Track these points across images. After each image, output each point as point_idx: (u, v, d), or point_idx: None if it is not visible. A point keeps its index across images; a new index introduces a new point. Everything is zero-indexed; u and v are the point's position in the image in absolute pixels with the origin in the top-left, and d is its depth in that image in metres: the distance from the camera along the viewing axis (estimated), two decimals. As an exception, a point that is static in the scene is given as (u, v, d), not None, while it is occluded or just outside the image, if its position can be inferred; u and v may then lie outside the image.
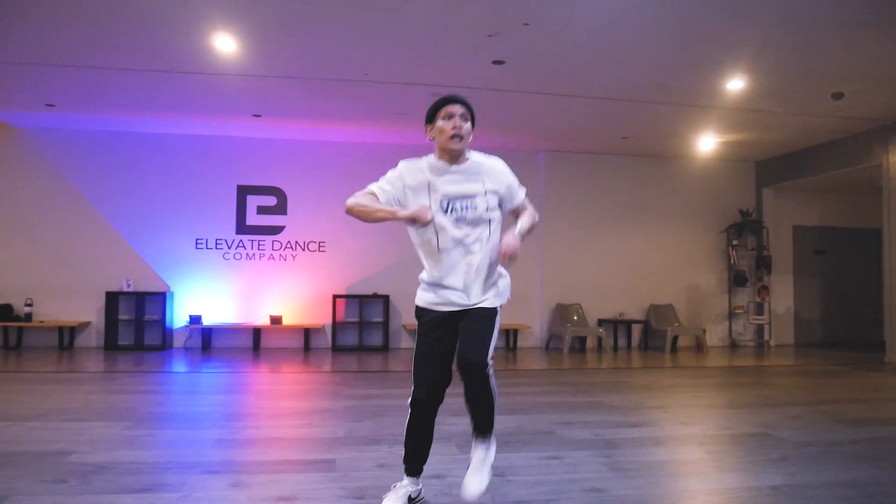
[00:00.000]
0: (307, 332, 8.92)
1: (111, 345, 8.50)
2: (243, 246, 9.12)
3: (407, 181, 2.57)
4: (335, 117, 8.04)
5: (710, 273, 10.08)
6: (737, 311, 9.90)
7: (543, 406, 4.98)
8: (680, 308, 9.79)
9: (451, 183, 2.54)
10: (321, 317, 9.08)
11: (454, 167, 2.57)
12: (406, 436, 2.72)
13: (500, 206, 2.65)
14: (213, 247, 9.05)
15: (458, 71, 6.32)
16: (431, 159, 2.62)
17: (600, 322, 9.58)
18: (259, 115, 7.96)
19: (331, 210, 9.19)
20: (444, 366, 2.63)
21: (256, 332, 8.87)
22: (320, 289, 9.13)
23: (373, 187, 2.57)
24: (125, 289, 8.64)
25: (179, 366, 7.24)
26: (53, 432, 3.94)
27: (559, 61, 6.05)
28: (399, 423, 4.26)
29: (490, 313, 2.59)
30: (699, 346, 9.35)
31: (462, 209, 2.52)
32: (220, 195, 9.07)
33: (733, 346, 9.91)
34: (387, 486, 3.07)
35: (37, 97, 7.30)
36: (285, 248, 9.19)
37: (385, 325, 9.14)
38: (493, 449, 2.70)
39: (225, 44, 5.64)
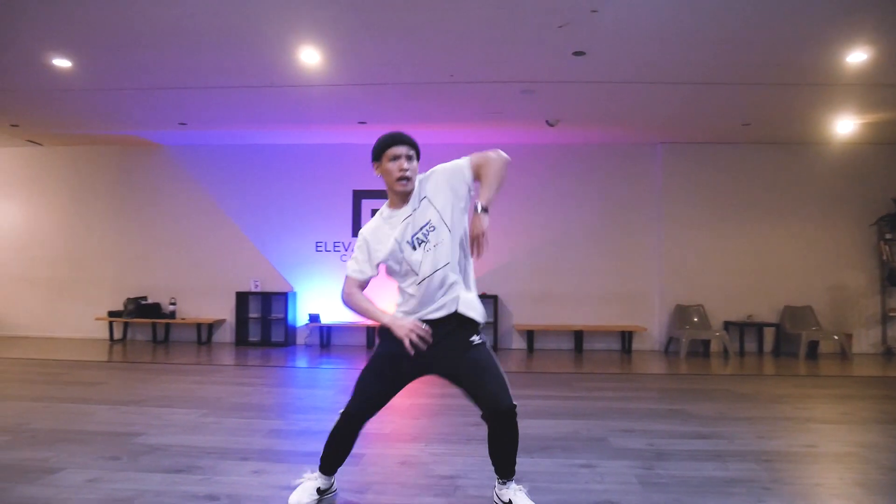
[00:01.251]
0: (416, 331, 9.12)
1: (242, 341, 9.26)
2: (358, 248, 9.52)
3: (374, 245, 2.65)
4: (434, 120, 8.16)
5: (857, 271, 8.94)
6: (892, 314, 8.69)
7: (613, 412, 4.72)
8: (820, 310, 8.78)
9: (409, 223, 2.61)
10: (430, 316, 9.24)
11: (403, 209, 2.63)
12: (328, 441, 2.74)
13: (461, 197, 2.65)
14: (332, 249, 9.55)
15: (539, 66, 6.17)
16: (388, 213, 2.68)
17: (727, 325, 8.86)
18: (364, 122, 8.29)
19: (440, 211, 9.34)
20: (392, 391, 2.70)
21: (370, 330, 9.23)
22: (430, 289, 9.29)
23: (350, 273, 2.68)
24: (253, 289, 9.38)
25: (292, 361, 7.72)
26: (138, 416, 4.40)
27: (644, 47, 5.69)
28: (451, 423, 4.27)
29: (483, 349, 2.62)
30: (843, 353, 8.34)
31: (425, 236, 2.58)
32: (337, 200, 9.55)
33: (888, 353, 8.71)
34: (398, 481, 3.11)
35: (171, 117, 8.15)
36: (397, 249, 9.47)
37: (494, 325, 9.12)
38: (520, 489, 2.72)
39: (310, 56, 5.95)
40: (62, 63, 6.15)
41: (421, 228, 2.59)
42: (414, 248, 2.59)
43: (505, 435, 2.55)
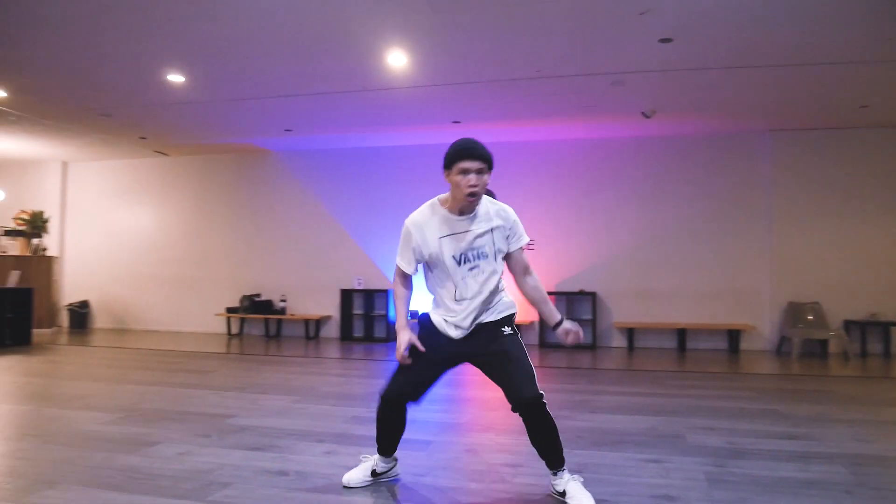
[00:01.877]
0: (512, 329, 9.16)
1: (346, 336, 9.68)
2: (455, 246, 9.68)
3: (417, 240, 2.68)
4: (526, 116, 8.16)
5: None
6: None
7: (699, 409, 4.54)
8: (960, 309, 7.95)
9: (461, 237, 2.63)
10: (530, 313, 9.24)
11: (461, 219, 2.64)
12: (376, 425, 2.86)
13: (507, 241, 2.72)
14: (429, 247, 9.77)
15: (625, 56, 6.01)
16: (442, 212, 2.66)
17: (847, 324, 8.21)
18: (458, 122, 8.43)
19: (537, 209, 9.33)
20: (428, 378, 2.75)
21: (467, 327, 9.36)
22: (527, 286, 9.31)
23: (397, 262, 2.78)
24: (356, 286, 9.78)
25: (390, 356, 7.94)
26: (235, 401, 4.74)
27: (737, 29, 5.39)
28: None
29: (513, 340, 2.68)
30: None
31: (474, 259, 2.64)
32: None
33: None
34: (459, 467, 3.18)
35: (277, 124, 8.67)
36: (493, 247, 9.54)
37: (593, 323, 8.98)
38: (576, 481, 2.73)
39: (397, 59, 6.15)
40: (176, 78, 6.72)
41: (472, 248, 2.63)
42: (459, 264, 2.63)
43: (536, 425, 2.59)
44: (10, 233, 10.52)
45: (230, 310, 10.05)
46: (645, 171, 9.08)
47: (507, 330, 2.68)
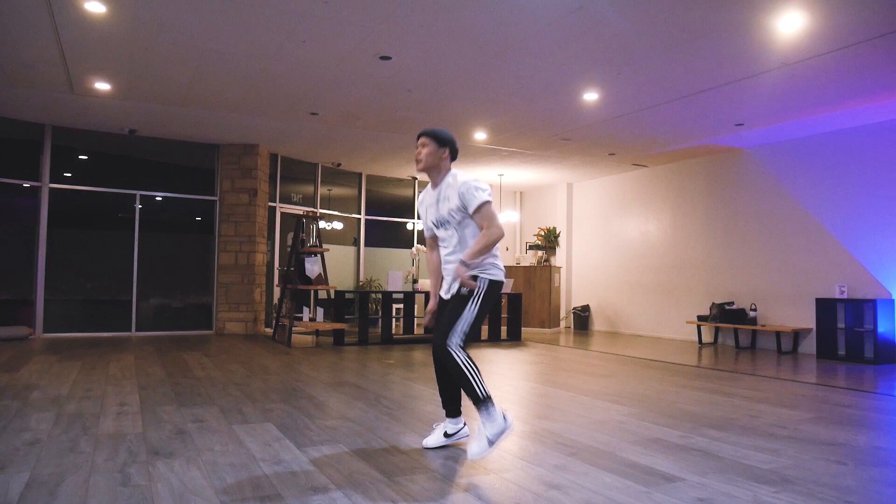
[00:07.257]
0: None
1: (826, 353, 8.24)
2: (982, 243, 7.15)
3: (421, 212, 3.55)
4: None
5: None
6: None
7: None
8: None
9: (434, 205, 3.37)
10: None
11: (435, 191, 3.37)
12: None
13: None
14: (943, 246, 7.49)
15: None
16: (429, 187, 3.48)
17: None
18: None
19: None
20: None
21: None
22: None
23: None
24: (838, 295, 8.23)
25: (873, 385, 6.50)
26: (568, 403, 4.93)
27: None
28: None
29: (458, 300, 3.19)
30: None
31: (441, 223, 3.35)
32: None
33: None
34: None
35: (723, 120, 8.13)
36: None
37: None
38: (489, 421, 3.08)
39: (794, 21, 5.21)
40: (591, 97, 7.18)
41: (439, 214, 3.35)
42: (437, 227, 3.39)
43: (445, 368, 3.25)
44: (533, 247, 12.80)
45: (701, 318, 9.81)
46: None
47: (463, 291, 3.20)
